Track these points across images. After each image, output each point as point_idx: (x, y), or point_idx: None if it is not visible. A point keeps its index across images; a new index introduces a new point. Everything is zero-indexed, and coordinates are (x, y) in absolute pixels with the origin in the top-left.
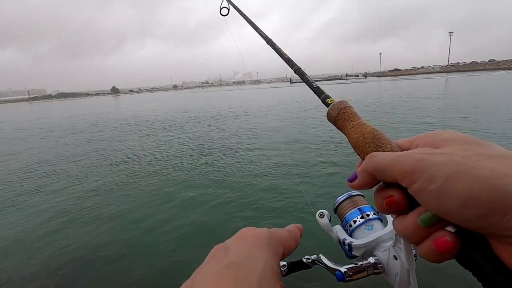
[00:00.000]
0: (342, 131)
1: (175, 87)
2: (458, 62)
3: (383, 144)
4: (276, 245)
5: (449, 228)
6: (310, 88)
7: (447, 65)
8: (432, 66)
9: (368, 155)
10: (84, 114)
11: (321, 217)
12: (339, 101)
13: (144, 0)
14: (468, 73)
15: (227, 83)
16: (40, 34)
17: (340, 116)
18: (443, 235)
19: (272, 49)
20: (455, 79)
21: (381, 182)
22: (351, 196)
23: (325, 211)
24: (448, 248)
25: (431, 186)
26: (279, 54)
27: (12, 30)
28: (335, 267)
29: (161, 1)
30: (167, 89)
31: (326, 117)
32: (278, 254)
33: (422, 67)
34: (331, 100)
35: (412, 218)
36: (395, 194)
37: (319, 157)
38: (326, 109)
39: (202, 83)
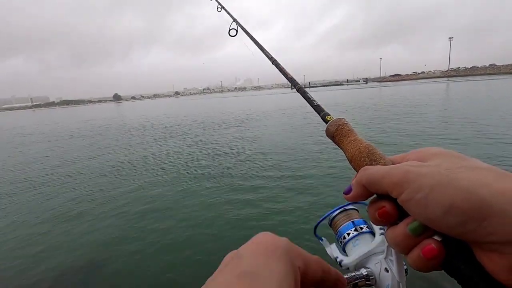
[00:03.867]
0: (339, 146)
1: (176, 93)
2: (459, 67)
3: (377, 158)
4: (295, 258)
5: (436, 237)
6: (311, 106)
7: (447, 70)
8: (432, 71)
9: (362, 168)
10: (95, 120)
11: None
12: (337, 118)
13: (153, 8)
14: (470, 78)
15: (229, 90)
16: (46, 43)
17: (338, 132)
18: (429, 242)
19: (277, 69)
20: (455, 85)
21: (375, 195)
22: (345, 210)
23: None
24: (434, 254)
25: (418, 195)
26: (283, 74)
27: (18, 39)
28: None
29: (169, 8)
30: (169, 96)
31: (325, 133)
32: (297, 268)
33: (423, 72)
34: (330, 117)
35: (402, 228)
36: (386, 204)
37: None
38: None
39: (204, 89)
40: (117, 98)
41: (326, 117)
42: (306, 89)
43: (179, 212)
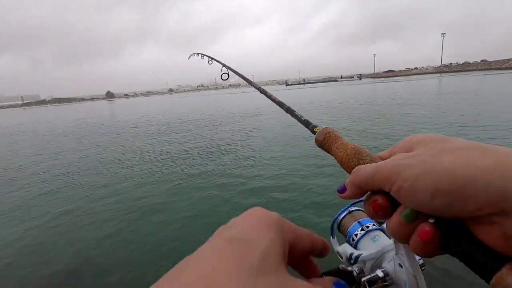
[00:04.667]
0: (329, 153)
1: (170, 90)
2: (451, 63)
3: (363, 157)
4: (285, 231)
5: (429, 220)
6: (300, 122)
7: (440, 66)
8: (425, 67)
9: (354, 169)
10: (91, 118)
11: (332, 238)
12: (323, 128)
13: (145, 4)
14: (462, 73)
15: (223, 86)
16: (36, 41)
17: (326, 140)
18: (423, 226)
19: (265, 96)
20: (447, 81)
21: (369, 192)
22: (350, 212)
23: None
24: (429, 237)
25: (406, 184)
26: (271, 100)
27: (8, 37)
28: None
29: (163, 4)
30: (162, 93)
31: (315, 144)
32: (287, 240)
33: (416, 68)
34: (317, 129)
35: (396, 217)
36: (378, 198)
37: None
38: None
39: (198, 86)
40: (109, 95)
41: (314, 129)
42: (301, 85)
43: (173, 207)
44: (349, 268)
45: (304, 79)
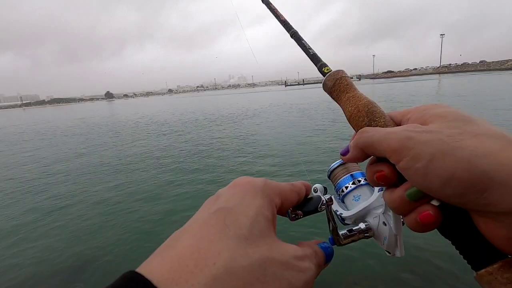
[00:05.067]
0: (337, 102)
1: (170, 91)
2: (450, 64)
3: (376, 118)
4: (271, 195)
5: (433, 202)
6: (307, 55)
7: (439, 67)
8: (424, 67)
9: (360, 130)
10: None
11: (314, 192)
12: (335, 71)
13: (145, 4)
14: (461, 74)
15: (222, 87)
16: (36, 41)
17: (336, 87)
18: (427, 209)
19: (269, 10)
20: (446, 82)
21: (372, 157)
22: (344, 163)
23: (318, 185)
24: (430, 220)
25: (417, 164)
26: (275, 16)
27: (6, 36)
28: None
29: (163, 4)
30: (162, 93)
31: (322, 88)
32: (274, 203)
33: (415, 69)
34: (327, 69)
35: (400, 192)
36: (384, 169)
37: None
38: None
39: (197, 87)
40: (109, 96)
41: (324, 69)
42: (300, 86)
43: (169, 205)
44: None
45: (303, 80)
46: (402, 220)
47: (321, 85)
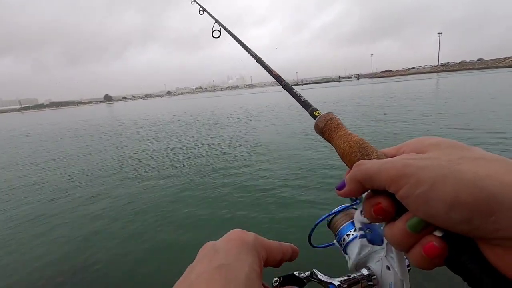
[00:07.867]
0: (329, 142)
1: (168, 93)
2: (448, 62)
3: (369, 153)
4: (260, 250)
5: (436, 233)
6: (298, 102)
7: (437, 65)
8: (423, 66)
9: (356, 163)
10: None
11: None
12: (325, 113)
13: (144, 8)
14: (458, 73)
15: (221, 88)
16: (34, 44)
17: (327, 128)
18: (430, 240)
19: (262, 67)
20: (445, 80)
21: (369, 190)
22: (344, 209)
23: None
24: (436, 253)
25: (418, 190)
26: (268, 71)
27: (5, 40)
28: (328, 281)
29: (163, 8)
30: (161, 96)
31: (314, 130)
32: (262, 258)
33: (413, 68)
34: (318, 113)
35: (401, 224)
36: (382, 201)
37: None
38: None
39: (196, 88)
40: (107, 98)
41: (314, 113)
42: (299, 86)
43: (180, 211)
44: (302, 275)
45: (302, 80)
46: (407, 263)
47: (320, 85)
